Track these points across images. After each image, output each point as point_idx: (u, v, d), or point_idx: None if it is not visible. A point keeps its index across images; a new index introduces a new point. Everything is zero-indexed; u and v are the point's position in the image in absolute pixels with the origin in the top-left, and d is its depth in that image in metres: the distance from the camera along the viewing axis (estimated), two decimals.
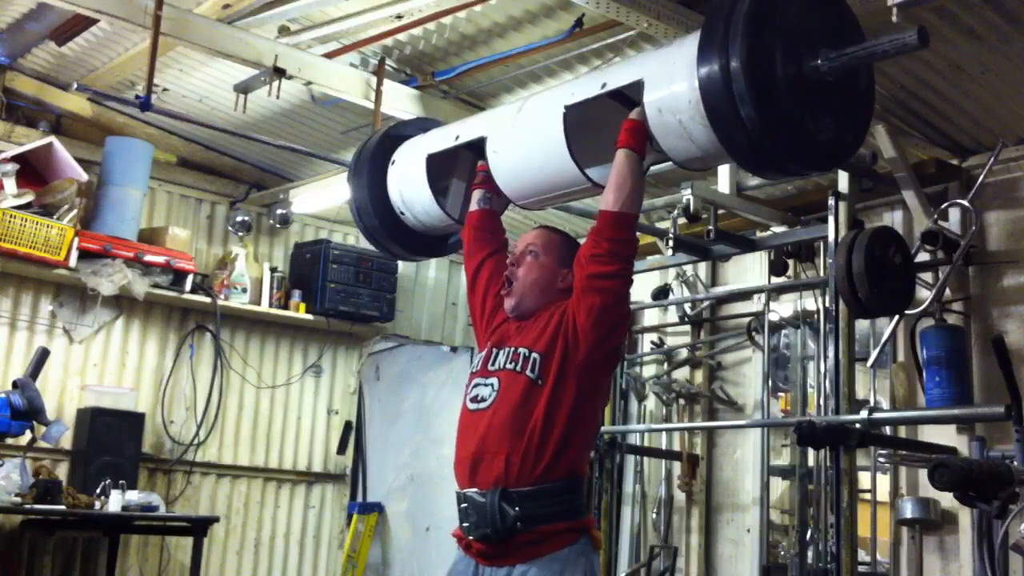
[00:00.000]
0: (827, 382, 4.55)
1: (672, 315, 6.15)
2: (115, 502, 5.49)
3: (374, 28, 4.81)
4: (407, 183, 3.30)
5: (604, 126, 2.75)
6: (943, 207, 4.56)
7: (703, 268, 5.98)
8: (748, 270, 5.78)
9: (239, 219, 6.73)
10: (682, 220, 4.74)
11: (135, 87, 5.68)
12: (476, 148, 3.08)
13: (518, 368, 2.59)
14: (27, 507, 5.31)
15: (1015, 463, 2.81)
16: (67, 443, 5.89)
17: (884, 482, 4.92)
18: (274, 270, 6.83)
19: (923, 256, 4.51)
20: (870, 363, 4.68)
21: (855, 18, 2.54)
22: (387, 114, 4.91)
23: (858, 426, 3.97)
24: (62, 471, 5.89)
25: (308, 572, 6.98)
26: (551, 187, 2.92)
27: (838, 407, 4.20)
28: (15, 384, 5.08)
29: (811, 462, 5.13)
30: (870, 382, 4.95)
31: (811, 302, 5.32)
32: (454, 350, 7.55)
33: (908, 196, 4.59)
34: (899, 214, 5.04)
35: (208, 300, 6.42)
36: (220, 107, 5.79)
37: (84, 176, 5.82)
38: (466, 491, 2.57)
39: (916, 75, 4.22)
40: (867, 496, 4.83)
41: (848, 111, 2.51)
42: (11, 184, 5.51)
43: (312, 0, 4.56)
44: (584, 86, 2.81)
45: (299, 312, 6.74)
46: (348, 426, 7.24)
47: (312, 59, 4.94)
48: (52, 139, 5.78)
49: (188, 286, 6.25)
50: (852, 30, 2.49)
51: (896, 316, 4.52)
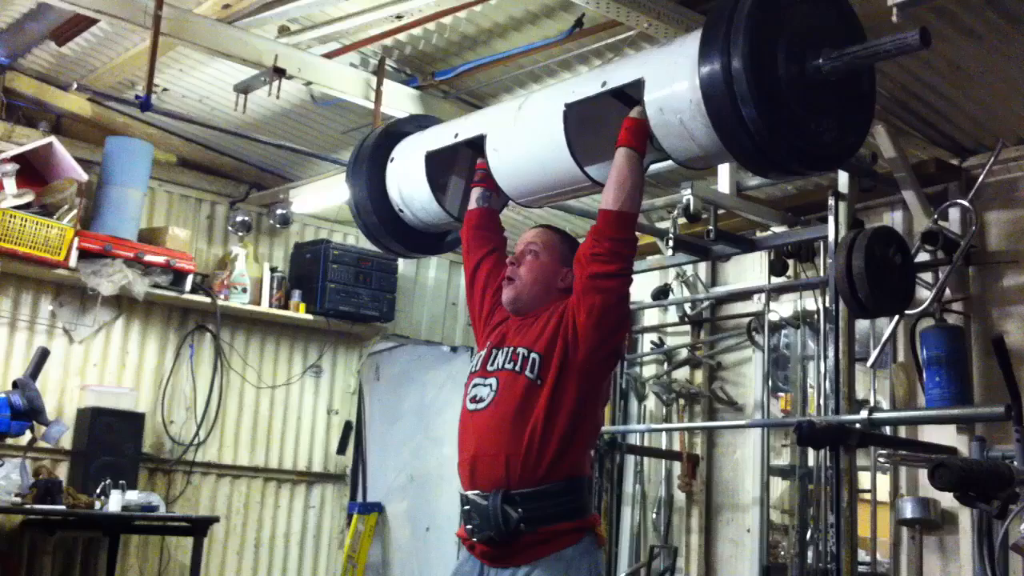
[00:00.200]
0: (827, 382, 4.55)
1: (672, 315, 6.16)
2: (115, 502, 5.48)
3: (374, 28, 4.81)
4: (406, 181, 3.30)
5: (604, 124, 2.74)
6: (943, 207, 4.56)
7: (703, 268, 5.98)
8: (748, 270, 5.78)
9: (239, 219, 6.72)
10: (682, 220, 4.74)
11: (135, 87, 5.68)
12: (475, 146, 3.07)
13: (517, 368, 2.57)
14: (27, 507, 5.31)
15: (1015, 463, 2.80)
16: (67, 443, 5.88)
17: (884, 482, 4.92)
18: (274, 270, 6.83)
19: (923, 256, 4.50)
20: (870, 363, 4.68)
21: (856, 18, 2.54)
22: (387, 114, 4.90)
23: (858, 426, 3.97)
24: (62, 471, 5.88)
25: (308, 572, 6.97)
26: (551, 185, 2.92)
27: (838, 407, 4.20)
28: (15, 384, 5.05)
29: (811, 462, 5.13)
30: (870, 382, 4.96)
31: (811, 302, 5.33)
32: (454, 350, 7.57)
33: (908, 196, 4.59)
34: (899, 214, 5.04)
35: (208, 300, 6.42)
36: (220, 107, 5.79)
37: (84, 176, 5.81)
38: (468, 493, 2.56)
39: (916, 75, 4.22)
40: (867, 496, 4.84)
41: (849, 111, 2.51)
42: (11, 184, 5.51)
43: (312, 0, 4.55)
44: (585, 84, 2.80)
45: (299, 312, 6.74)
46: (348, 426, 7.24)
47: (312, 59, 4.94)
48: (52, 139, 5.77)
49: (188, 286, 6.24)
50: (853, 30, 2.49)
51: (896, 316, 4.52)
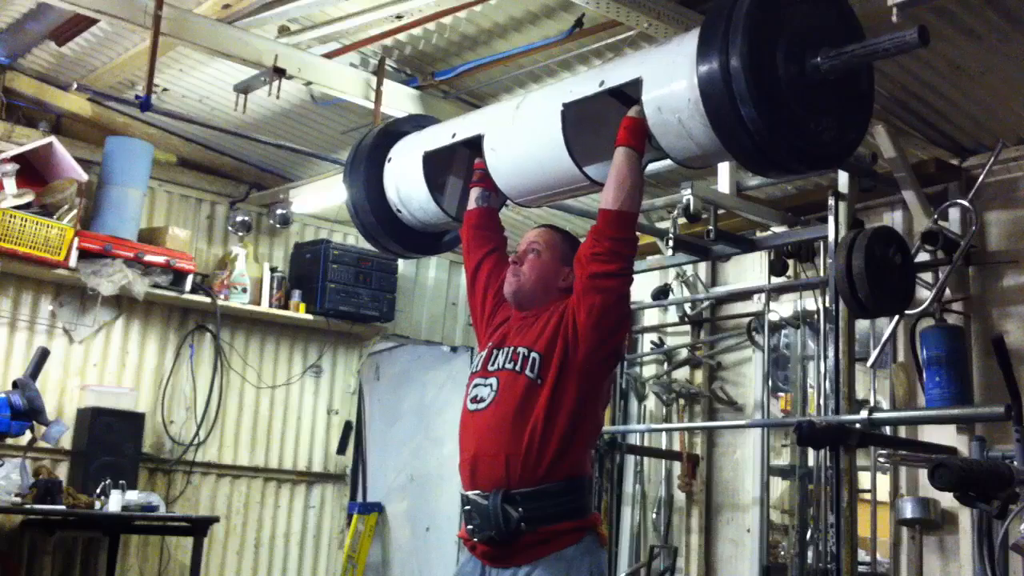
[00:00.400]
0: (827, 382, 4.55)
1: (672, 315, 6.15)
2: (115, 502, 5.48)
3: (374, 28, 4.81)
4: (404, 181, 3.29)
5: (603, 124, 2.74)
6: (943, 207, 4.56)
7: (703, 268, 5.98)
8: (748, 270, 5.78)
9: (239, 219, 6.72)
10: (682, 220, 4.74)
11: (135, 87, 5.68)
12: (473, 145, 3.07)
13: (517, 368, 2.57)
14: (27, 507, 5.31)
15: (1015, 463, 2.79)
16: (67, 443, 5.87)
17: (884, 482, 4.92)
18: (274, 270, 6.82)
19: (923, 256, 4.50)
20: (870, 363, 4.68)
21: (855, 17, 2.53)
22: (387, 114, 4.89)
23: (858, 426, 3.97)
24: (62, 471, 5.88)
25: (308, 572, 6.97)
26: (549, 185, 2.92)
27: (838, 407, 4.19)
28: (15, 384, 5.05)
29: (811, 462, 5.13)
30: (870, 382, 4.95)
31: (811, 302, 5.33)
32: (454, 350, 7.57)
33: (908, 196, 4.59)
34: (899, 214, 5.04)
35: (208, 300, 6.42)
36: (220, 107, 5.79)
37: (84, 176, 5.81)
38: (469, 493, 2.55)
39: (916, 75, 4.22)
40: (867, 496, 4.84)
41: (848, 110, 2.51)
42: (11, 184, 5.51)
43: (312, 0, 4.55)
44: (583, 84, 2.80)
45: (299, 312, 6.74)
46: (348, 426, 7.24)
47: (312, 59, 4.94)
48: (52, 139, 5.77)
49: (188, 286, 6.23)
50: (852, 29, 2.49)
51: (896, 316, 4.52)
